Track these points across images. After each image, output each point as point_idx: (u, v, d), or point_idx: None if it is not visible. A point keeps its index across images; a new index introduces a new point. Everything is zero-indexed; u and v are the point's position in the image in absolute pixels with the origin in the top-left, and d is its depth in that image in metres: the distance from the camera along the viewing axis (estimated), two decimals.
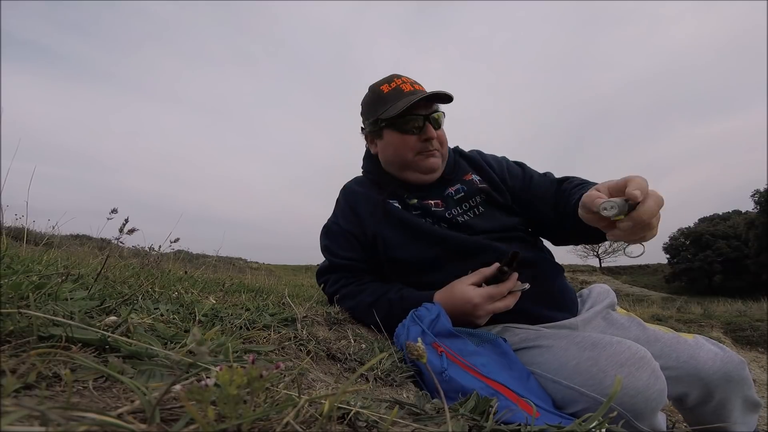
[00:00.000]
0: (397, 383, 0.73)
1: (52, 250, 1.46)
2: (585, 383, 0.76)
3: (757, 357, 3.76)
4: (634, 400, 0.72)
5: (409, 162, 1.12)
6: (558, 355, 0.84)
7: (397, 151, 1.12)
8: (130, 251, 1.99)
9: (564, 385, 0.78)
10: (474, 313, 0.92)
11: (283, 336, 0.77)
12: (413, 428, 0.42)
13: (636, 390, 0.72)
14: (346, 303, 1.12)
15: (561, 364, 0.81)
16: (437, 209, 1.13)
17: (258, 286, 1.58)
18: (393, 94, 1.10)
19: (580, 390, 0.76)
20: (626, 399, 0.71)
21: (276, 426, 0.34)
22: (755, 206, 29.38)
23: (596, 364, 0.77)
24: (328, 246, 1.20)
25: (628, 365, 0.74)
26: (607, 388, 0.73)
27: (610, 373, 0.74)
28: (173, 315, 0.70)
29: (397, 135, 1.10)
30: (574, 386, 0.77)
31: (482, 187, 1.16)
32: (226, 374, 0.31)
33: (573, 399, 0.77)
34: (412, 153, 1.10)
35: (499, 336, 0.87)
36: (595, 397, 0.74)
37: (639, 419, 0.73)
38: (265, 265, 18.07)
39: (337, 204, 1.25)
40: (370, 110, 1.15)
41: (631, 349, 0.77)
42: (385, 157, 1.17)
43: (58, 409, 0.29)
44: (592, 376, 0.75)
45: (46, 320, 0.44)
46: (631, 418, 0.72)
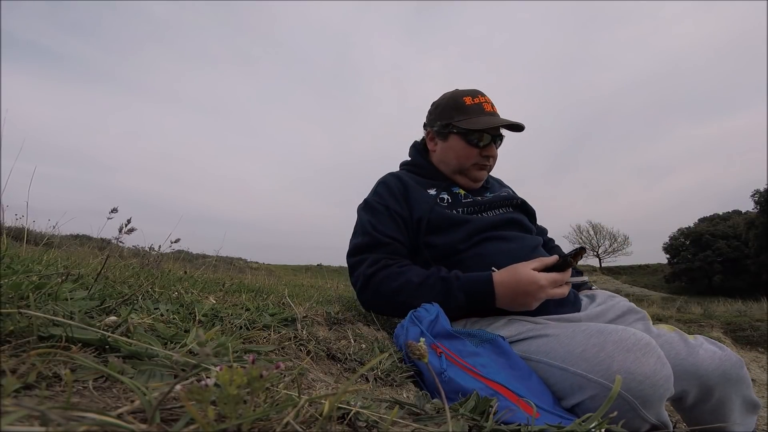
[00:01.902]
0: (397, 383, 0.73)
1: (52, 250, 1.46)
2: (592, 369, 0.76)
3: (757, 357, 3.76)
4: (642, 386, 0.72)
5: (464, 169, 1.24)
6: (564, 342, 0.85)
7: (458, 158, 1.23)
8: (130, 251, 1.99)
9: (571, 372, 0.79)
10: (536, 295, 0.94)
11: (283, 336, 0.77)
12: (413, 428, 0.42)
13: (643, 375, 0.72)
14: (388, 284, 1.05)
15: (568, 351, 0.82)
16: (483, 201, 1.24)
17: (258, 286, 1.58)
18: (474, 109, 1.21)
19: (588, 376, 0.76)
20: (634, 385, 0.72)
21: (276, 426, 0.34)
22: (755, 206, 29.37)
23: (603, 350, 0.77)
24: (372, 222, 1.16)
25: (634, 350, 0.75)
26: (615, 374, 0.73)
27: (617, 359, 0.75)
28: (173, 315, 0.70)
29: (463, 144, 1.21)
30: (581, 372, 0.77)
31: (519, 198, 1.31)
32: (226, 374, 0.31)
33: (581, 386, 0.77)
34: (470, 163, 1.22)
35: (498, 335, 0.87)
36: (602, 383, 0.74)
37: (646, 407, 0.73)
38: (265, 265, 18.07)
39: (382, 185, 1.25)
40: (445, 113, 1.25)
41: (636, 335, 0.77)
42: (444, 158, 1.27)
43: (58, 409, 0.29)
44: (599, 362, 0.76)
45: (46, 320, 0.44)
46: (638, 405, 0.72)
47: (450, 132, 1.23)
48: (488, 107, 1.22)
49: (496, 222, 1.17)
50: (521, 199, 1.31)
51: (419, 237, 1.17)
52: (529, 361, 0.88)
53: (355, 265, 1.14)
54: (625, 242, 41.37)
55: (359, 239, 1.16)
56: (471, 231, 1.14)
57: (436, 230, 1.15)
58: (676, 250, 35.58)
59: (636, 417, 0.74)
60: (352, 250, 1.17)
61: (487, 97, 1.25)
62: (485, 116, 1.20)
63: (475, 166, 1.23)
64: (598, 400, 0.75)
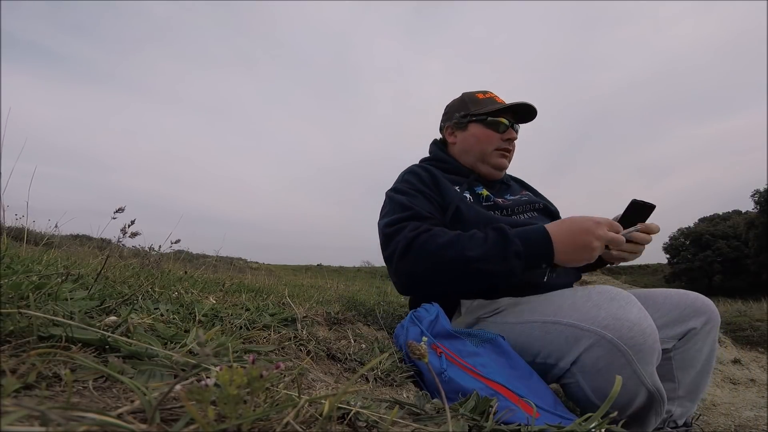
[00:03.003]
0: (397, 383, 0.73)
1: (52, 250, 1.46)
2: (583, 318, 0.80)
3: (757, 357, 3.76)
4: (632, 332, 0.75)
5: (486, 155, 1.24)
6: (553, 299, 0.90)
7: (479, 143, 1.24)
8: (130, 251, 1.99)
9: (564, 324, 0.82)
10: (595, 232, 0.86)
11: (283, 336, 0.77)
12: (413, 428, 0.42)
13: (631, 321, 0.76)
14: (434, 241, 0.94)
15: (558, 305, 0.87)
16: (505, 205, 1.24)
17: (258, 286, 1.58)
18: (486, 101, 1.27)
19: (580, 325, 0.80)
20: (624, 331, 0.75)
21: (276, 426, 0.34)
22: (755, 206, 29.34)
23: (589, 300, 0.82)
24: (410, 200, 1.10)
25: (618, 299, 0.80)
26: (603, 320, 0.77)
27: (604, 306, 0.79)
28: (173, 315, 0.70)
29: (483, 130, 1.24)
30: (573, 322, 0.81)
31: (541, 201, 1.31)
32: (226, 374, 0.31)
33: (576, 336, 0.80)
34: (492, 147, 1.23)
35: (498, 335, 0.87)
36: (595, 330, 0.77)
37: (640, 360, 0.75)
38: (265, 265, 18.07)
39: (411, 174, 1.22)
40: (461, 107, 1.30)
41: (616, 289, 0.84)
42: (466, 146, 1.27)
43: (58, 409, 0.29)
44: (588, 311, 0.80)
45: (46, 320, 0.44)
46: (633, 357, 0.74)
47: (469, 121, 1.25)
48: (499, 99, 1.27)
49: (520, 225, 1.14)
50: (543, 202, 1.30)
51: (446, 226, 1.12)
52: (524, 324, 0.90)
53: (393, 233, 1.01)
54: None
55: (398, 214, 1.06)
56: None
57: (461, 222, 1.11)
58: (676, 250, 35.57)
59: (631, 375, 0.75)
60: (391, 221, 1.04)
61: (497, 95, 1.31)
62: (498, 104, 1.24)
63: (496, 152, 1.23)
64: (594, 352, 0.78)
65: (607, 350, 0.76)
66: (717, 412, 1.80)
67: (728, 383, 2.58)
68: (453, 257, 0.91)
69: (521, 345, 0.89)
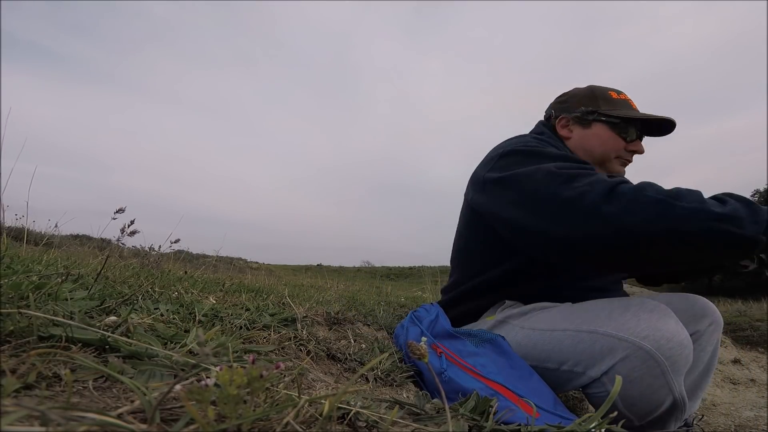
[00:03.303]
0: (397, 383, 0.73)
1: (52, 250, 1.46)
2: (620, 328, 0.77)
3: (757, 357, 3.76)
4: (671, 343, 0.74)
5: (605, 159, 1.13)
6: (588, 308, 0.85)
7: (603, 146, 1.11)
8: (130, 251, 1.99)
9: (601, 333, 0.79)
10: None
11: (283, 336, 0.77)
12: (413, 428, 0.42)
13: (670, 333, 0.74)
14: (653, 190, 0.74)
15: (594, 315, 0.83)
16: None
17: (258, 286, 1.58)
18: (620, 103, 1.14)
19: (619, 335, 0.77)
20: (663, 342, 0.74)
21: (276, 426, 0.34)
22: None
23: (628, 311, 0.79)
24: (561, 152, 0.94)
25: (656, 311, 0.77)
26: (643, 331, 0.75)
27: (643, 317, 0.76)
28: (173, 315, 0.70)
29: (610, 133, 1.10)
30: (612, 332, 0.78)
31: None
32: (226, 374, 0.31)
33: (611, 348, 0.78)
34: (614, 154, 1.12)
35: (498, 335, 0.87)
36: (634, 341, 0.75)
37: (674, 371, 0.74)
38: (265, 265, 18.07)
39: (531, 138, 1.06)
40: (588, 101, 1.15)
41: (653, 301, 0.80)
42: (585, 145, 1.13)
43: (58, 409, 0.29)
44: (626, 322, 0.77)
45: (46, 320, 0.44)
46: (668, 368, 0.74)
47: (595, 120, 1.12)
48: (634, 105, 1.14)
49: None
50: None
51: None
52: (554, 332, 0.87)
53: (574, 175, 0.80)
54: None
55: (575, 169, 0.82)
56: None
57: None
58: None
59: (663, 385, 0.75)
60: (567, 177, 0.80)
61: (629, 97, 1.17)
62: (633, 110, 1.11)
63: (617, 160, 1.12)
64: (629, 362, 0.76)
65: (642, 361, 0.75)
66: (717, 412, 1.80)
67: (728, 383, 2.58)
68: (692, 209, 0.69)
69: (548, 352, 0.87)
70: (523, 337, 0.92)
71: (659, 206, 0.71)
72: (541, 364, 0.87)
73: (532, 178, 0.84)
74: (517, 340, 0.92)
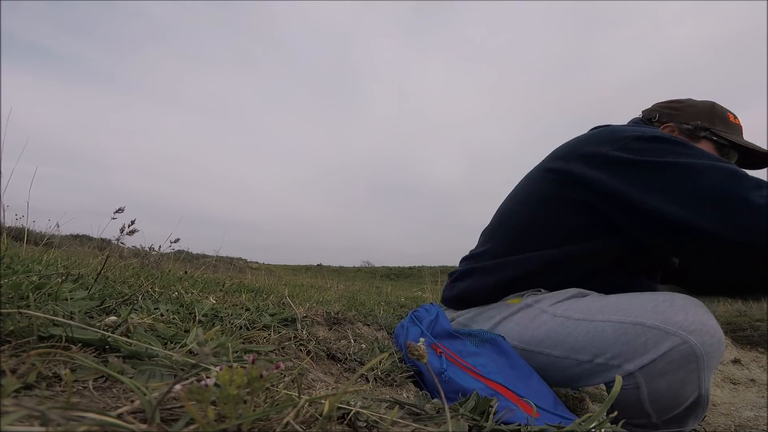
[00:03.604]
0: (397, 383, 0.73)
1: (52, 250, 1.46)
2: (668, 321, 0.76)
3: (757, 357, 3.76)
4: (713, 339, 0.74)
5: None
6: (631, 300, 0.84)
7: None
8: (130, 251, 1.99)
9: (648, 326, 0.78)
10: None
11: (283, 336, 0.77)
12: (413, 428, 0.42)
13: (713, 329, 0.75)
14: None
15: (638, 305, 0.82)
16: None
17: (258, 286, 1.58)
18: (735, 127, 1.13)
19: (667, 328, 0.76)
20: (707, 338, 0.74)
21: (276, 426, 0.34)
22: None
23: (674, 305, 0.78)
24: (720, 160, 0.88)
25: (702, 307, 0.78)
26: (691, 325, 0.75)
27: (691, 312, 0.76)
28: (173, 315, 0.70)
29: (715, 153, 1.03)
30: (659, 325, 0.77)
31: None
32: (226, 374, 0.31)
33: (657, 340, 0.76)
34: None
35: (498, 335, 0.87)
36: (681, 335, 0.74)
37: (709, 368, 0.75)
38: (265, 265, 18.07)
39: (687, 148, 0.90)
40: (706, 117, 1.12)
41: (695, 298, 0.81)
42: None
43: (58, 409, 0.29)
44: (674, 315, 0.77)
45: (46, 320, 0.44)
46: (705, 362, 0.74)
47: (704, 137, 1.10)
48: (742, 132, 1.14)
49: None
50: None
51: None
52: (593, 322, 0.85)
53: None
54: None
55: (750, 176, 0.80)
56: None
57: None
58: None
59: (694, 380, 0.75)
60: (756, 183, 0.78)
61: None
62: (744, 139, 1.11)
63: None
64: (673, 355, 0.75)
65: (683, 355, 0.75)
66: (717, 412, 1.80)
67: (728, 383, 2.57)
68: None
69: (585, 343, 0.84)
70: (557, 325, 0.89)
71: None
72: (572, 355, 0.85)
73: (705, 173, 0.80)
74: (549, 327, 0.89)
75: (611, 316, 0.83)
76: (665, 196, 0.82)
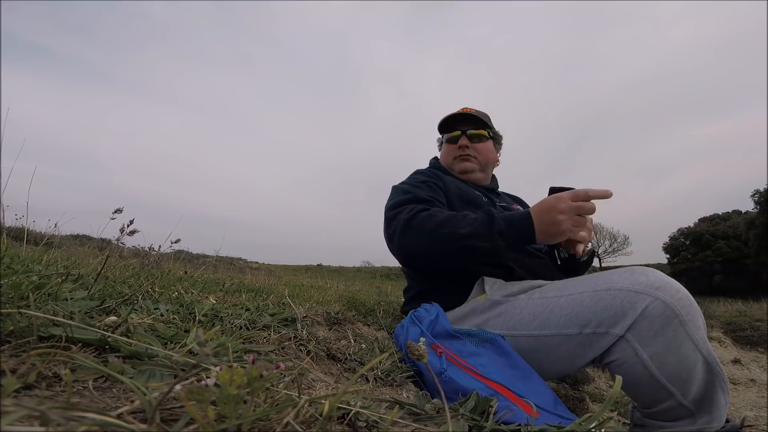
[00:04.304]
0: (397, 383, 0.73)
1: (52, 250, 1.46)
2: (635, 283, 0.83)
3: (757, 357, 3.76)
4: (679, 294, 0.80)
5: (450, 165, 1.42)
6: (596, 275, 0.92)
7: (444, 157, 1.45)
8: (130, 251, 1.99)
9: (618, 288, 0.84)
10: (557, 206, 0.93)
11: (283, 336, 0.77)
12: (413, 428, 0.42)
13: (676, 285, 0.81)
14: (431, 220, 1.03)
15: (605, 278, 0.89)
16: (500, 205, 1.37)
17: (258, 286, 1.58)
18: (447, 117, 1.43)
19: (635, 288, 0.82)
20: (673, 293, 0.79)
21: (276, 426, 0.34)
22: (755, 206, 29.28)
23: (634, 271, 0.86)
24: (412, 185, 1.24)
25: (658, 271, 0.85)
26: (654, 283, 0.81)
27: (650, 274, 0.83)
28: (173, 315, 0.70)
29: (445, 145, 1.45)
30: (628, 286, 0.83)
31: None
32: (226, 374, 0.31)
33: (631, 300, 0.81)
34: (451, 158, 1.42)
35: (498, 335, 0.87)
36: (650, 292, 0.80)
37: (691, 323, 0.78)
38: (265, 265, 18.06)
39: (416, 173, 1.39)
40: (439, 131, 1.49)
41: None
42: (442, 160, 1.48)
43: (58, 409, 0.29)
44: (636, 278, 0.84)
45: (46, 320, 0.44)
46: (685, 320, 0.77)
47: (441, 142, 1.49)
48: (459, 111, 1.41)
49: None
50: None
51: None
52: (571, 295, 0.90)
53: (393, 216, 1.11)
54: (625, 242, 41.35)
55: (399, 197, 1.17)
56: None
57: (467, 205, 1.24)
58: (676, 250, 35.55)
59: (685, 338, 0.77)
60: (392, 205, 1.15)
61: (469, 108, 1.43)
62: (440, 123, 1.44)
63: (456, 160, 1.40)
64: (650, 314, 0.79)
65: (661, 311, 0.78)
66: None
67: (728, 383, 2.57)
68: (447, 234, 0.99)
69: (567, 316, 0.88)
70: (537, 305, 0.93)
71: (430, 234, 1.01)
72: (561, 330, 0.88)
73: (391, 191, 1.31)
74: (530, 311, 0.94)
75: (585, 287, 0.89)
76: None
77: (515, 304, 0.97)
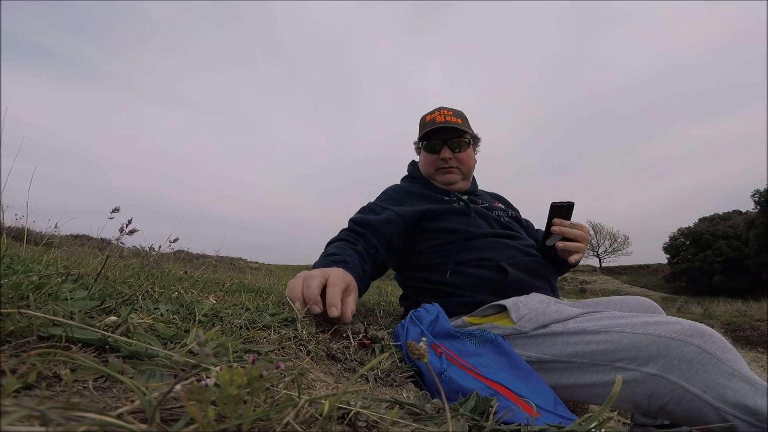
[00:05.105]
0: (397, 383, 0.73)
1: (52, 250, 1.46)
2: (671, 331, 0.83)
3: (757, 357, 3.76)
4: (714, 335, 0.81)
5: (431, 175, 1.42)
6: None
7: (425, 166, 1.43)
8: (130, 251, 1.99)
9: (656, 335, 0.84)
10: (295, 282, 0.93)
11: (283, 336, 0.77)
12: (413, 428, 0.42)
13: (706, 327, 0.83)
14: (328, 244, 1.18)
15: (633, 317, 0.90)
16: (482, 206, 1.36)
17: (258, 286, 1.58)
18: (427, 124, 1.39)
19: (671, 336, 0.81)
20: (707, 336, 0.80)
21: (276, 426, 0.34)
22: (755, 206, 29.27)
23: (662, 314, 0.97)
24: (366, 212, 1.30)
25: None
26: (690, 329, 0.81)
27: (679, 320, 0.84)
28: (173, 315, 0.70)
29: (426, 154, 1.41)
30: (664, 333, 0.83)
31: (513, 212, 1.46)
32: (226, 374, 0.31)
33: (666, 345, 0.81)
34: (433, 168, 1.40)
35: (498, 335, 0.87)
36: (684, 339, 0.81)
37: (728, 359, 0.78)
38: (265, 265, 18.05)
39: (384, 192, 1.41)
40: (419, 132, 1.45)
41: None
42: (421, 168, 1.47)
43: (58, 409, 0.28)
44: (671, 324, 0.84)
45: (46, 320, 0.44)
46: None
47: (419, 147, 1.45)
48: (440, 118, 1.36)
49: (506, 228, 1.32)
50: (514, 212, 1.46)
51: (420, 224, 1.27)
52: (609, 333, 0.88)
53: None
54: (625, 242, 41.37)
55: (355, 215, 1.30)
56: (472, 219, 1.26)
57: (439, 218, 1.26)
58: (676, 250, 35.55)
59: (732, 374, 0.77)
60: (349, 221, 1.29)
61: (446, 110, 1.39)
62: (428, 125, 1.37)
63: (438, 171, 1.39)
64: (687, 357, 0.78)
65: (696, 354, 0.78)
66: None
67: None
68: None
69: (603, 351, 0.87)
70: (577, 346, 0.91)
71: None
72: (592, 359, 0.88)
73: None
74: (572, 350, 0.91)
75: (623, 328, 0.87)
76: None
77: (552, 341, 0.94)
